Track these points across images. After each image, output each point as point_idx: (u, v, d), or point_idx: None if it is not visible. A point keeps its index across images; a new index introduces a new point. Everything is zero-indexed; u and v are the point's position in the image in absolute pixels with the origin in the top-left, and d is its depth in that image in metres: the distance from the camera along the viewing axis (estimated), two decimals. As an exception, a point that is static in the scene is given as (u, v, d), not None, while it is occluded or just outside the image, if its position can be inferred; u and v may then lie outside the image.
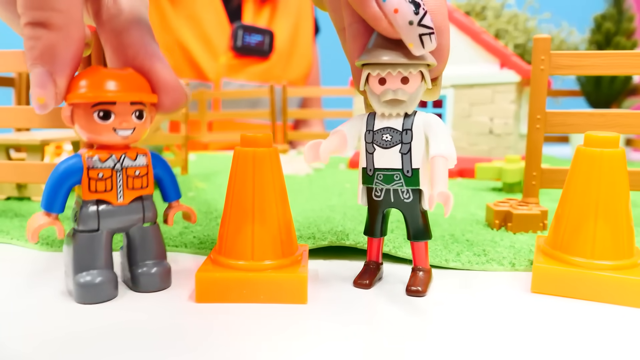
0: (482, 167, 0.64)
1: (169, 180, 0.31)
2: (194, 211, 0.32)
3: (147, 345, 0.23)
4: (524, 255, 0.35)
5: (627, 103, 1.01)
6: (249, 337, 0.24)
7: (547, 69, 0.44)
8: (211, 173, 0.78)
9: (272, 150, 0.29)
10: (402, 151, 0.28)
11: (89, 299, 0.27)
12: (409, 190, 0.28)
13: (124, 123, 0.27)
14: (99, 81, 0.26)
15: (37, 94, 0.25)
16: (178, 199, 0.31)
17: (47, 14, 0.25)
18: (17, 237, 0.39)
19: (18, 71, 0.56)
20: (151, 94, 0.28)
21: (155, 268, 0.29)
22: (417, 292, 0.29)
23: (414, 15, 0.25)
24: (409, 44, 0.25)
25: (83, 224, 0.27)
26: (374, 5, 0.25)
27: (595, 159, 0.29)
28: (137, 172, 0.28)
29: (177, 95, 0.29)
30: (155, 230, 0.30)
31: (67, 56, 0.26)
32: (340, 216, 0.44)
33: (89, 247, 0.27)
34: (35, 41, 0.25)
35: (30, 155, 0.55)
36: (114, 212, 0.28)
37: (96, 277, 0.27)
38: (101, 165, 0.27)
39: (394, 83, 0.27)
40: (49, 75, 0.25)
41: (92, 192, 0.27)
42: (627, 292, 0.28)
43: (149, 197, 0.29)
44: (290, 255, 0.29)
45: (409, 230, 0.29)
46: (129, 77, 0.27)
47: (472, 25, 0.77)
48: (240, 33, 1.32)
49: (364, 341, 0.24)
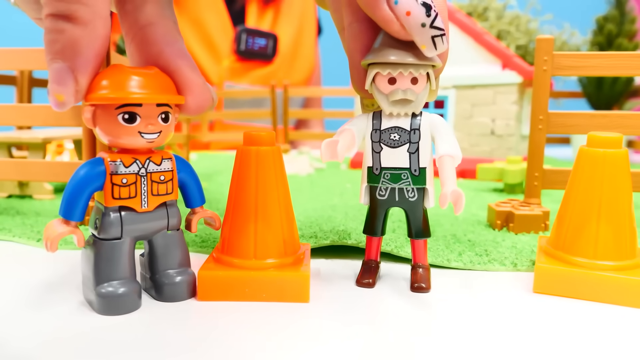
0: (483, 168, 0.64)
1: (194, 185, 0.29)
2: (219, 217, 0.30)
3: (148, 343, 0.23)
4: (525, 255, 0.35)
5: (629, 105, 1.01)
6: (251, 335, 0.24)
7: (550, 69, 0.44)
8: (213, 172, 0.78)
9: (275, 149, 0.29)
10: (410, 150, 0.28)
11: (111, 311, 0.26)
12: (414, 189, 0.29)
13: (150, 126, 0.25)
14: (124, 81, 0.24)
15: (55, 91, 0.24)
16: (202, 205, 0.30)
17: (73, 6, 0.23)
18: (18, 235, 0.39)
19: (20, 69, 0.56)
20: (178, 96, 0.26)
21: (180, 277, 0.28)
22: (422, 288, 0.29)
23: (426, 17, 0.25)
24: (421, 46, 0.25)
25: (104, 232, 0.26)
26: (385, 8, 0.25)
27: (598, 159, 0.29)
28: (161, 178, 0.27)
29: (203, 97, 0.27)
30: (179, 237, 0.29)
31: (90, 53, 0.24)
32: (341, 216, 0.44)
33: (111, 257, 0.26)
34: (57, 34, 0.23)
35: (32, 153, 0.55)
36: (137, 219, 0.26)
37: (119, 288, 0.26)
38: (125, 171, 0.26)
39: (404, 83, 0.27)
40: (69, 72, 0.24)
41: (115, 198, 0.26)
42: (629, 293, 0.28)
43: (173, 203, 0.28)
44: (293, 254, 0.29)
45: (410, 229, 0.30)
46: (155, 77, 0.26)
47: (474, 26, 0.77)
48: (243, 37, 1.32)
49: (365, 340, 0.24)
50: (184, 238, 0.29)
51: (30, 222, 0.43)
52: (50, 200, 0.53)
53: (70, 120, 0.41)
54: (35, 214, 0.46)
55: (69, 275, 0.31)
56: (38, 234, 0.39)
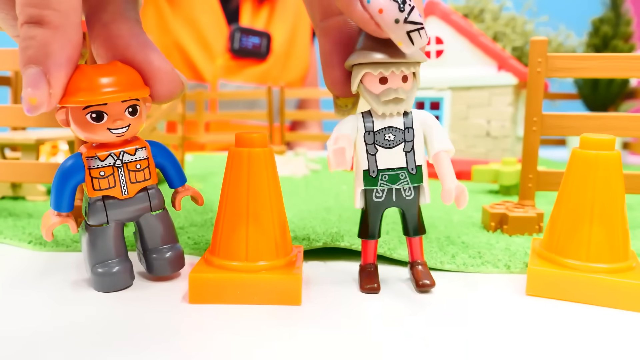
0: (478, 170, 0.64)
1: (171, 167, 0.31)
2: (200, 194, 0.32)
3: (137, 345, 0.23)
4: (519, 257, 0.35)
5: (624, 106, 1.01)
6: (242, 338, 0.24)
7: (544, 71, 0.44)
8: (208, 174, 0.78)
9: (267, 151, 0.29)
10: (405, 149, 0.28)
11: (107, 288, 0.29)
12: (411, 187, 0.29)
13: (118, 121, 0.27)
14: (88, 82, 0.26)
15: (29, 94, 0.24)
16: (184, 184, 0.32)
17: (44, 12, 0.24)
18: (10, 237, 0.39)
19: (14, 70, 0.56)
20: (143, 89, 0.28)
21: (169, 253, 0.30)
22: (427, 285, 0.29)
23: (399, 12, 0.24)
24: (397, 43, 0.25)
25: (92, 219, 0.28)
26: (359, 8, 0.25)
27: (591, 161, 0.29)
28: (138, 166, 0.29)
29: (173, 84, 0.28)
30: (164, 216, 0.31)
31: (62, 56, 0.25)
32: (335, 218, 0.44)
33: (101, 240, 0.29)
34: (30, 41, 0.24)
35: (25, 155, 0.55)
36: (120, 205, 0.29)
37: (113, 267, 0.29)
38: (101, 164, 0.28)
39: (395, 82, 0.27)
40: (42, 75, 0.24)
41: (96, 190, 0.28)
42: (622, 295, 0.28)
43: (153, 186, 0.30)
44: (285, 256, 0.29)
45: (407, 227, 0.30)
46: (119, 74, 0.27)
47: (469, 28, 0.77)
48: (237, 36, 1.32)
49: (357, 343, 0.23)
50: (169, 216, 0.31)
51: (22, 224, 0.43)
52: (43, 201, 0.53)
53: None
54: (28, 215, 0.46)
55: (56, 275, 0.31)
56: (30, 236, 0.39)
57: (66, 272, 0.32)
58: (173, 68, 0.28)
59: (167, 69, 0.28)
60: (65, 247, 0.37)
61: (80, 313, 0.26)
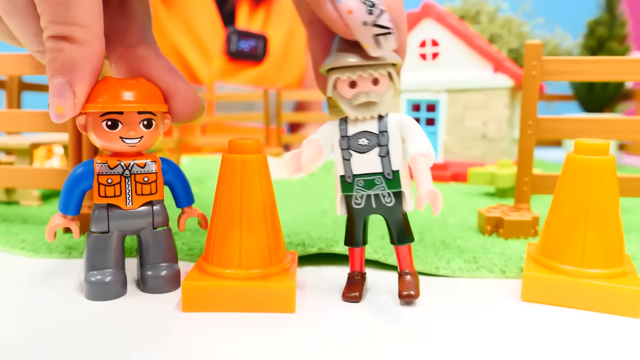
0: (475, 172, 0.64)
1: (180, 186, 0.31)
2: (206, 218, 0.32)
3: (129, 354, 0.22)
4: (514, 262, 0.35)
5: (620, 108, 1.01)
6: (235, 346, 0.24)
7: (539, 74, 0.44)
8: (204, 177, 0.78)
9: (260, 157, 0.29)
10: (380, 154, 0.27)
11: (97, 297, 0.29)
12: (390, 193, 0.28)
13: (131, 132, 0.28)
14: (108, 91, 0.27)
15: (55, 103, 0.26)
16: (190, 205, 0.32)
17: (71, 28, 0.26)
18: (2, 243, 0.39)
19: (9, 74, 0.56)
20: (160, 104, 0.29)
21: (165, 271, 0.30)
22: (410, 296, 0.28)
23: (367, 15, 0.24)
24: (364, 45, 0.25)
25: (95, 226, 0.29)
26: (329, 7, 0.25)
27: (585, 166, 0.29)
28: (145, 179, 0.29)
29: (194, 105, 0.30)
30: (166, 234, 0.31)
31: (87, 69, 0.26)
32: (331, 221, 0.44)
33: (100, 248, 0.29)
34: (57, 53, 0.26)
35: (19, 159, 0.55)
36: (123, 216, 0.29)
37: (106, 277, 0.29)
38: (110, 172, 0.28)
39: (365, 85, 0.26)
40: (68, 86, 0.26)
41: (101, 196, 0.29)
42: (616, 301, 0.28)
43: (159, 202, 0.30)
44: (279, 263, 0.29)
45: (392, 235, 0.29)
46: (140, 87, 0.28)
47: (465, 30, 0.77)
48: (234, 38, 1.32)
49: (351, 350, 0.23)
50: (171, 235, 0.31)
51: (15, 230, 0.42)
52: (37, 207, 0.53)
53: (58, 126, 0.41)
54: (22, 221, 0.46)
55: (48, 281, 0.31)
56: (22, 243, 0.38)
57: (58, 279, 0.32)
58: (195, 90, 0.30)
59: (189, 90, 0.30)
60: (58, 254, 0.37)
61: (71, 320, 0.26)
